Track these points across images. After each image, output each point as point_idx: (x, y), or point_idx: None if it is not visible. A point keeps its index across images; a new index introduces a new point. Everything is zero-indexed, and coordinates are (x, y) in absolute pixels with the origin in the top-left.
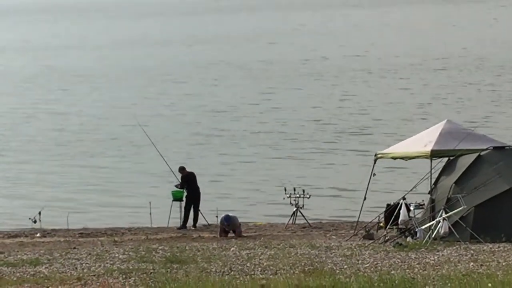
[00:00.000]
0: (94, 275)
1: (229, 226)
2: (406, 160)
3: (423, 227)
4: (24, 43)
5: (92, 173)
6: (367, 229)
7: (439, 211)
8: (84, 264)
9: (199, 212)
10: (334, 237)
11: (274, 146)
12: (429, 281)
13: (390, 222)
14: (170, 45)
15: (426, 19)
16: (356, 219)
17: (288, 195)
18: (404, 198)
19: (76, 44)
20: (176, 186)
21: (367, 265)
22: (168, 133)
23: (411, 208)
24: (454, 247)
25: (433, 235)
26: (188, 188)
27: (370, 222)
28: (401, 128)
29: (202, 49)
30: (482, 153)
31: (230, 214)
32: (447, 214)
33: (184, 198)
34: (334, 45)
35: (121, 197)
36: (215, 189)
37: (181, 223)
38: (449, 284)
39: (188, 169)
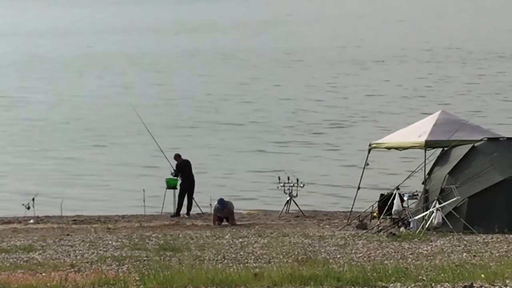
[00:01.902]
0: (88, 262)
1: (223, 211)
2: (401, 150)
3: (416, 217)
4: (9, 29)
5: (84, 161)
6: (360, 219)
7: (432, 202)
8: (77, 251)
9: (193, 200)
10: (327, 226)
11: (264, 136)
12: (422, 271)
13: (384, 212)
14: (155, 32)
15: (414, 8)
16: (350, 209)
17: (281, 184)
18: (398, 188)
19: (60, 31)
20: (172, 173)
21: (361, 254)
22: (153, 122)
23: (405, 198)
24: (447, 238)
25: (426, 226)
26: (183, 175)
27: (364, 212)
28: (393, 119)
29: (187, 37)
30: (476, 144)
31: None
32: (441, 205)
33: (178, 186)
34: (321, 35)
35: (114, 184)
36: (208, 177)
37: (175, 211)
38: (442, 275)
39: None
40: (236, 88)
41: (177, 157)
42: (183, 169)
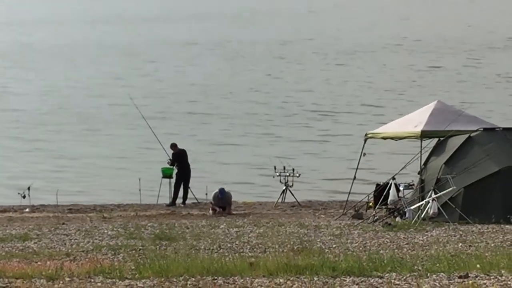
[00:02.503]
0: (83, 251)
1: (221, 200)
2: (397, 140)
3: (412, 207)
4: (1, 18)
5: (79, 150)
6: (356, 209)
7: (428, 192)
8: (73, 240)
9: (189, 190)
10: (323, 216)
11: (259, 126)
12: (418, 261)
13: (380, 202)
14: (146, 22)
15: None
16: (346, 199)
17: (277, 174)
18: (393, 178)
19: (52, 20)
20: (168, 163)
21: (356, 244)
22: (144, 112)
23: (401, 188)
24: (443, 228)
25: (422, 216)
26: (179, 165)
27: (360, 201)
28: (385, 110)
29: (179, 27)
30: (472, 134)
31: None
32: (437, 195)
33: (174, 175)
34: (313, 26)
35: (110, 173)
36: (201, 168)
37: (171, 200)
38: (437, 265)
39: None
40: (228, 79)
41: (173, 146)
42: (179, 158)
